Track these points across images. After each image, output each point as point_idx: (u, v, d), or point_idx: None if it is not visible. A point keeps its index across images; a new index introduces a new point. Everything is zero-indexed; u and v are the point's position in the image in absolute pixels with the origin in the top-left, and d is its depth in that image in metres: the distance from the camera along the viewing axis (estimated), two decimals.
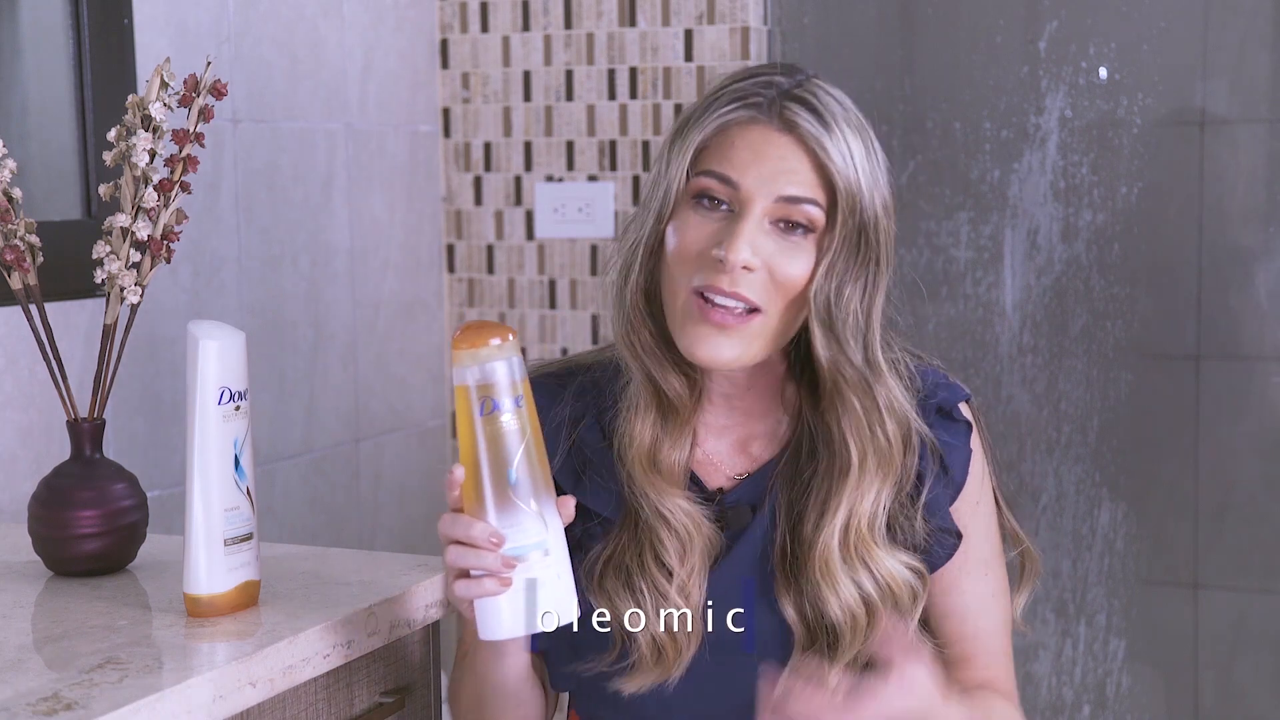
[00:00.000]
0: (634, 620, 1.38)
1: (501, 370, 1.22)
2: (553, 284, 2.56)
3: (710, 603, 1.40)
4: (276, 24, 2.22)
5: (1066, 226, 2.36)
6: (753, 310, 1.33)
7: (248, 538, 1.32)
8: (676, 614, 1.37)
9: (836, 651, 1.37)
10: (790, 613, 1.39)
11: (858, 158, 1.34)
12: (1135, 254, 2.34)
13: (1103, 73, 2.32)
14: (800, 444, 1.42)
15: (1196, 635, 2.35)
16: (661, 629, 1.37)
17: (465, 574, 1.23)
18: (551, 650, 1.45)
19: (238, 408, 1.31)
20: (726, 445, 1.46)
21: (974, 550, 1.46)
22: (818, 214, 1.33)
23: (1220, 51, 2.28)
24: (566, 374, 1.48)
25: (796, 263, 1.34)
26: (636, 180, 2.49)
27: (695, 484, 1.44)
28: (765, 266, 1.33)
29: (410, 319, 2.55)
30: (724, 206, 1.34)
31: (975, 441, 1.46)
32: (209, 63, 1.46)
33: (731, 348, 1.34)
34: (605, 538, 1.42)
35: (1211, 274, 2.29)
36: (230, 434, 1.30)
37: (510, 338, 1.22)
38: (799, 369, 1.43)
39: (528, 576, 1.21)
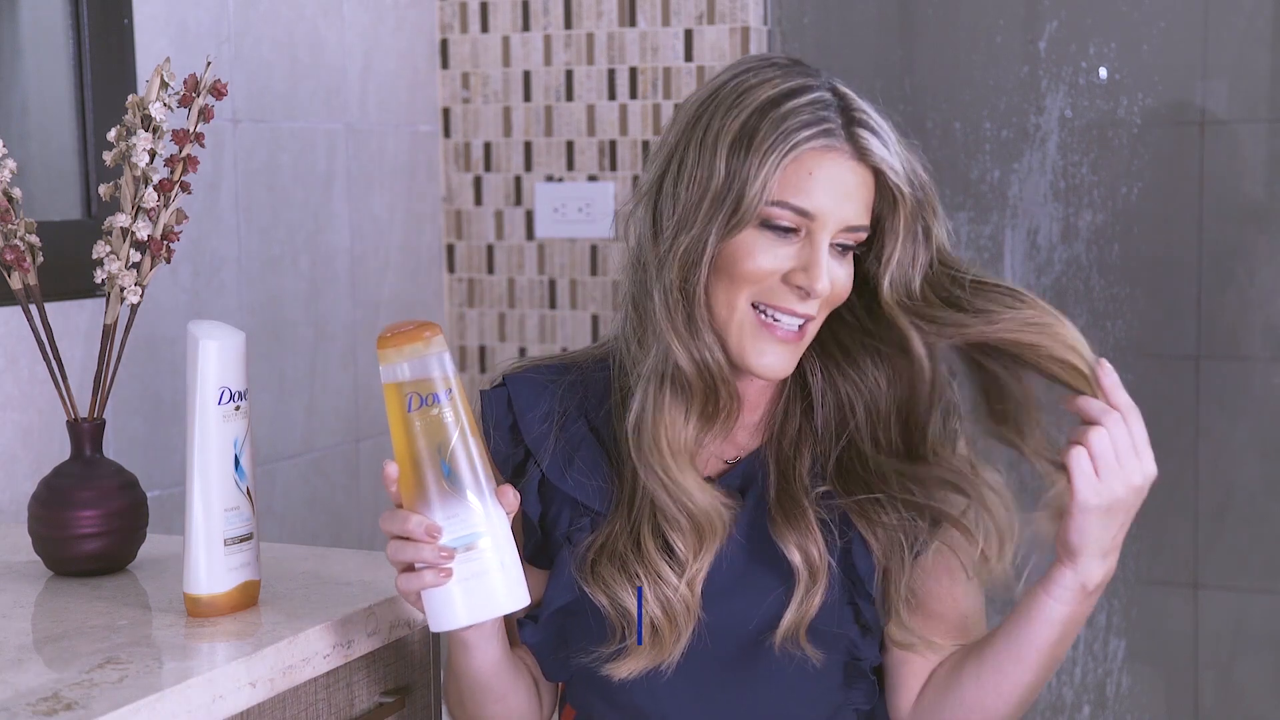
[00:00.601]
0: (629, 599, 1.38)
1: (430, 365, 1.24)
2: (553, 284, 2.56)
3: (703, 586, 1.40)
4: (276, 24, 2.22)
5: (1066, 226, 2.36)
6: (806, 321, 1.37)
7: (248, 538, 1.32)
8: (676, 597, 1.37)
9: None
10: (795, 554, 1.39)
11: (902, 160, 1.39)
12: (1135, 254, 2.34)
13: (1103, 73, 2.32)
14: (785, 421, 1.45)
15: (1196, 635, 2.35)
16: (659, 612, 1.37)
17: (410, 568, 1.25)
18: (540, 643, 1.44)
19: (238, 408, 1.31)
20: (718, 435, 1.46)
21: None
22: (865, 234, 1.38)
23: (1220, 51, 2.28)
24: (559, 369, 1.48)
25: (849, 276, 1.39)
26: (636, 180, 2.49)
27: None
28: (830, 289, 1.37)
29: (410, 319, 2.55)
30: (792, 231, 1.35)
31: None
32: (209, 63, 1.46)
33: (791, 361, 1.38)
34: (595, 529, 1.42)
35: (1211, 274, 2.29)
36: (230, 434, 1.30)
37: (436, 334, 1.24)
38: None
39: (470, 566, 1.23)
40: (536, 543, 1.46)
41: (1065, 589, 1.36)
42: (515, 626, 1.44)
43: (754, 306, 1.36)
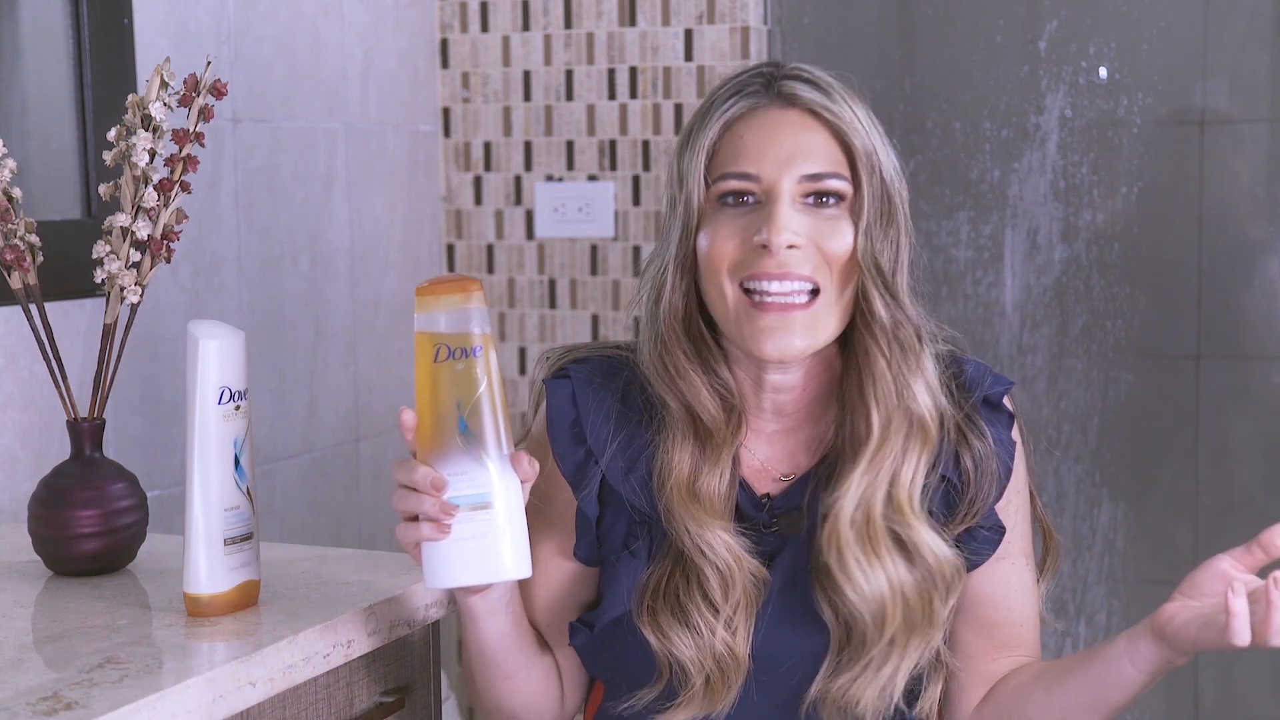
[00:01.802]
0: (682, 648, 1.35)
1: (467, 319, 1.22)
2: (553, 284, 2.57)
3: (752, 642, 1.36)
4: (276, 24, 2.22)
5: (1066, 226, 2.36)
6: (814, 292, 1.31)
7: (248, 538, 1.32)
8: (722, 647, 1.33)
9: (874, 640, 1.33)
10: (829, 615, 1.35)
11: (863, 118, 1.34)
12: (1135, 254, 2.34)
13: (1103, 73, 2.32)
14: (840, 438, 1.38)
15: None
16: (712, 663, 1.34)
17: (414, 518, 1.22)
18: (584, 647, 1.42)
19: (238, 408, 1.31)
20: (776, 451, 1.42)
21: (1016, 536, 1.43)
22: (844, 185, 1.33)
23: (1220, 51, 2.28)
24: (615, 365, 1.44)
25: (840, 234, 1.32)
26: (636, 180, 2.49)
27: (744, 490, 1.40)
28: (812, 243, 1.31)
29: (410, 319, 2.54)
30: (750, 199, 1.33)
31: (1018, 432, 1.44)
32: (209, 63, 1.46)
33: (800, 337, 1.31)
34: (651, 549, 1.39)
35: (1211, 274, 2.29)
36: (230, 434, 1.30)
37: (476, 290, 1.22)
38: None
39: (473, 527, 1.21)
40: (590, 543, 1.42)
41: (1154, 666, 1.32)
42: (525, 604, 1.41)
43: (743, 290, 1.32)
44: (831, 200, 1.33)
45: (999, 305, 2.40)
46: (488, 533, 1.22)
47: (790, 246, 1.30)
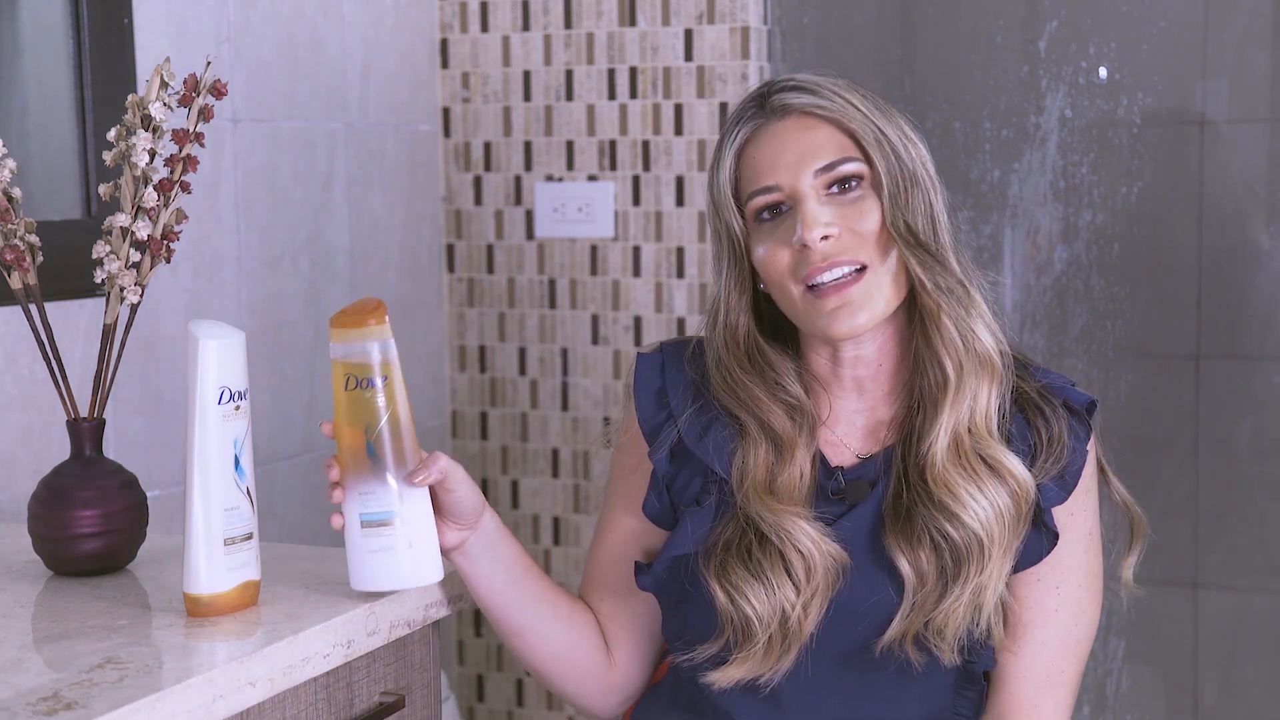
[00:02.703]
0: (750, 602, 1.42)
1: (369, 351, 1.33)
2: (553, 284, 2.56)
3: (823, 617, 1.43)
4: (276, 24, 2.22)
5: (1066, 226, 2.36)
6: (860, 269, 1.40)
7: (248, 537, 1.32)
8: (795, 617, 1.40)
9: (979, 566, 1.39)
10: (904, 565, 1.41)
11: (857, 102, 1.43)
12: (1135, 254, 2.33)
13: (1103, 73, 2.32)
14: (914, 405, 1.46)
15: (1196, 635, 2.35)
16: (777, 626, 1.40)
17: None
18: (658, 590, 1.49)
19: (238, 408, 1.31)
20: (855, 428, 1.49)
21: (1060, 560, 1.46)
22: (859, 165, 1.42)
23: (1220, 51, 2.28)
24: (698, 345, 1.53)
25: (868, 212, 1.41)
26: (636, 180, 2.49)
27: (822, 463, 1.47)
28: (845, 229, 1.40)
29: (410, 319, 2.55)
30: (783, 208, 1.42)
31: (1093, 450, 1.48)
32: (209, 63, 1.46)
33: (861, 312, 1.40)
34: (719, 511, 1.46)
35: (1211, 274, 2.29)
36: (230, 434, 1.30)
37: (380, 323, 1.33)
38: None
39: (380, 540, 1.34)
40: (660, 505, 1.50)
41: None
42: (516, 565, 1.46)
43: (806, 287, 1.41)
44: (853, 184, 1.42)
45: (999, 305, 2.39)
46: (392, 546, 1.34)
47: (824, 239, 1.39)
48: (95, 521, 1.43)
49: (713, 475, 1.47)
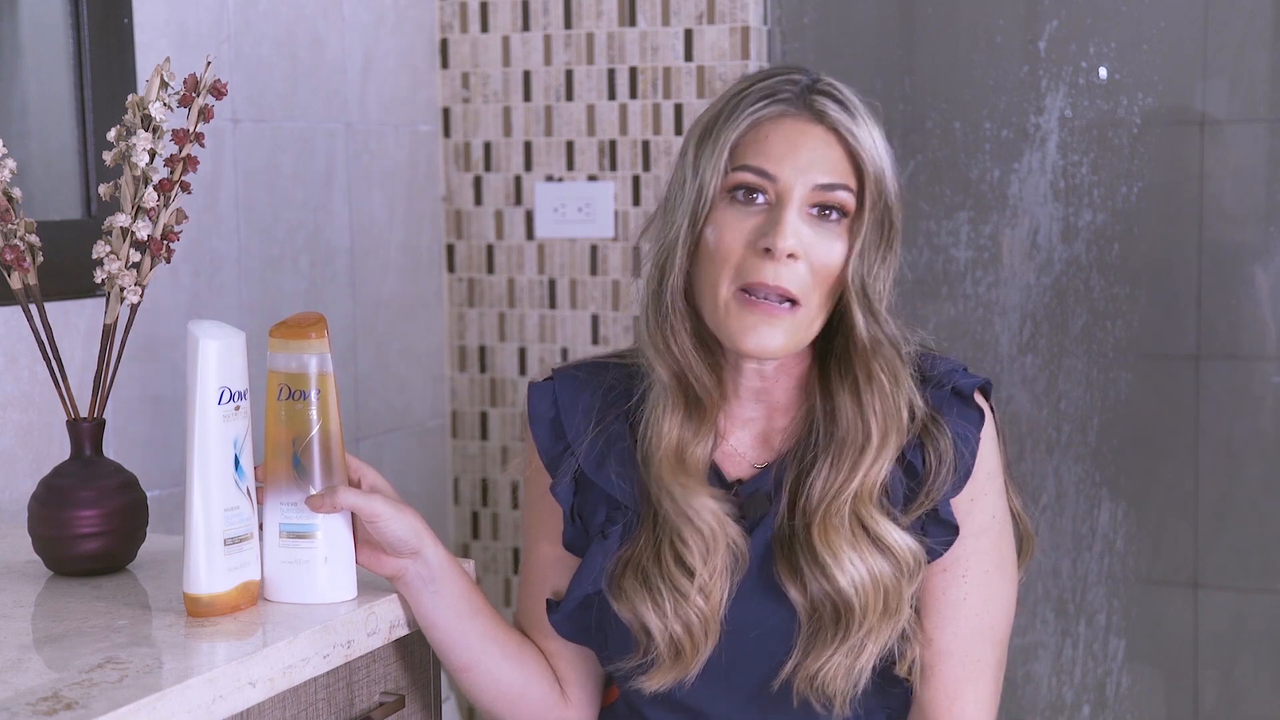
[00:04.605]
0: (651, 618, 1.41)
1: (307, 363, 1.34)
2: (553, 284, 2.56)
3: (727, 607, 1.42)
4: (276, 24, 2.22)
5: (1066, 226, 2.36)
6: (794, 304, 1.38)
7: (248, 537, 1.32)
8: (694, 613, 1.40)
9: (851, 627, 1.38)
10: (794, 594, 1.40)
11: (880, 144, 1.41)
12: (1135, 254, 2.34)
13: (1103, 73, 2.32)
14: (813, 428, 1.44)
15: (1196, 635, 2.35)
16: (680, 629, 1.40)
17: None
18: (571, 633, 1.48)
19: (238, 408, 1.31)
20: (750, 437, 1.48)
21: (964, 548, 1.44)
22: (850, 199, 1.39)
23: (1220, 51, 2.28)
24: (599, 367, 1.52)
25: (832, 249, 1.39)
26: (636, 180, 2.49)
27: (716, 476, 1.46)
28: (807, 254, 1.37)
29: (410, 319, 2.55)
30: (760, 199, 1.39)
31: (989, 433, 1.45)
32: (209, 63, 1.46)
33: (778, 336, 1.37)
34: (624, 536, 1.45)
35: (1211, 274, 2.29)
36: (230, 434, 1.30)
37: (319, 336, 1.34)
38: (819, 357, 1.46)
39: (298, 553, 1.35)
40: (574, 533, 1.49)
41: None
42: (473, 608, 1.45)
43: (740, 289, 1.37)
44: (834, 214, 1.39)
45: (999, 306, 2.40)
46: (309, 559, 1.35)
47: (791, 255, 1.36)
48: (95, 521, 1.43)
49: (616, 503, 1.46)
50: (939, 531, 1.43)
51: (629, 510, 1.45)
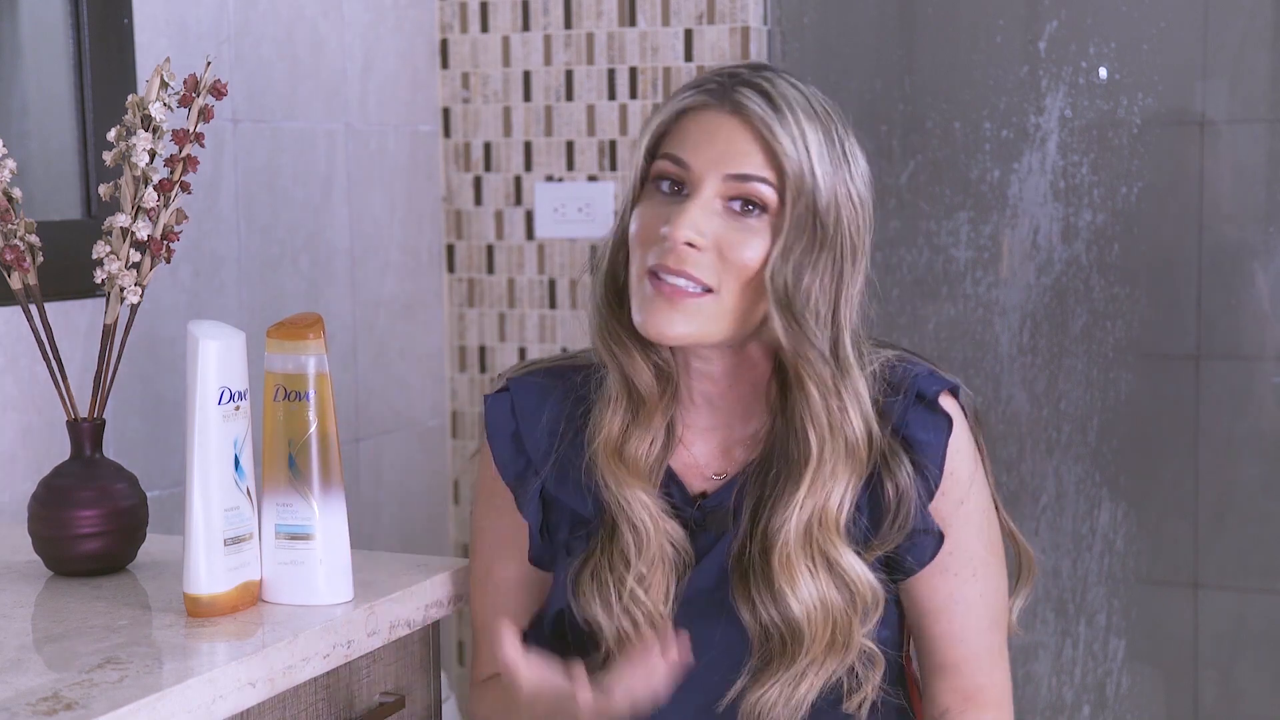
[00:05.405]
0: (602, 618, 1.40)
1: (304, 364, 1.34)
2: (552, 284, 2.56)
3: (673, 608, 1.40)
4: (276, 24, 2.22)
5: (1066, 226, 2.36)
6: (706, 290, 1.34)
7: (248, 538, 1.32)
8: (638, 608, 1.39)
9: (796, 656, 1.37)
10: (746, 617, 1.39)
11: (810, 142, 1.34)
12: (1135, 254, 2.34)
13: (1103, 73, 2.32)
14: (774, 445, 1.41)
15: (1196, 635, 2.35)
16: (627, 623, 1.39)
17: None
18: (542, 650, 1.45)
19: (238, 408, 1.31)
20: (710, 448, 1.45)
21: (959, 548, 1.43)
22: (769, 192, 1.33)
23: (1220, 51, 2.28)
24: (560, 373, 1.49)
25: (750, 245, 1.34)
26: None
27: (677, 486, 1.44)
28: (715, 247, 1.33)
29: (410, 319, 2.55)
30: (680, 190, 1.36)
31: (961, 436, 1.42)
32: (209, 63, 1.46)
33: (682, 323, 1.34)
34: (587, 544, 1.44)
35: (1211, 274, 2.29)
36: (230, 434, 1.30)
37: (317, 338, 1.34)
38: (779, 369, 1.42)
39: (293, 554, 1.35)
40: (541, 548, 1.47)
41: None
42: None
43: (650, 273, 1.35)
44: (755, 210, 1.34)
45: (999, 306, 2.40)
46: (306, 560, 1.35)
47: (689, 244, 1.32)
48: (95, 521, 1.43)
49: (580, 520, 1.44)
50: (927, 541, 1.42)
51: (592, 521, 1.43)
